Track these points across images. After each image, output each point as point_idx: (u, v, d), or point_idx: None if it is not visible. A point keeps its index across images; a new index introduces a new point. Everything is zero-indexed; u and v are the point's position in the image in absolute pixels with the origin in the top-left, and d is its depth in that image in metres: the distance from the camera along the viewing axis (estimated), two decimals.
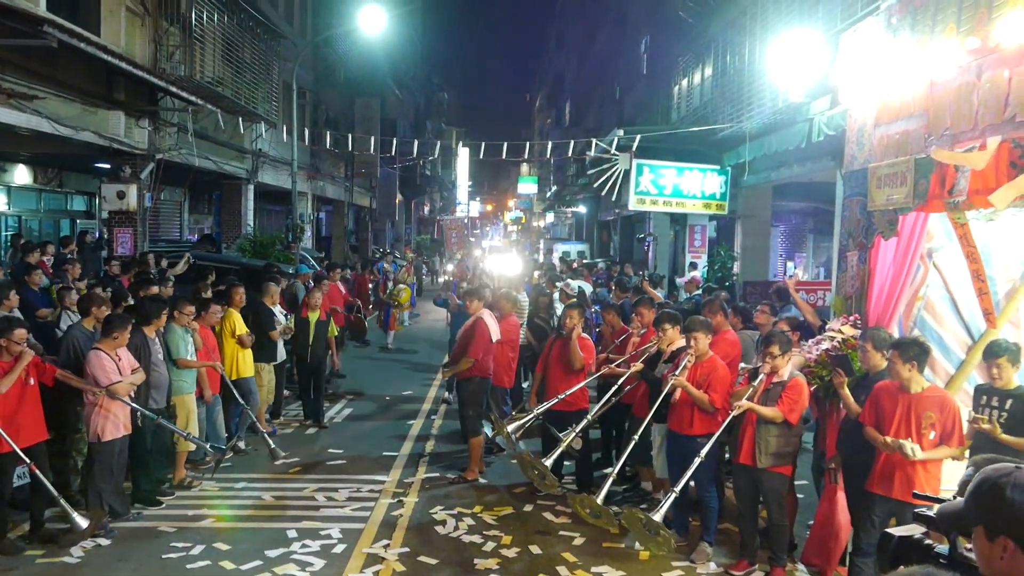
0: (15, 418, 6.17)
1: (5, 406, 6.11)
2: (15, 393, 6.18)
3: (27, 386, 6.29)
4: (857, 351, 5.94)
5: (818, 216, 20.32)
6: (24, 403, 6.26)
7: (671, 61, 22.09)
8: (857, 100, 6.64)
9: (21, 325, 6.41)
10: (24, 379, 6.26)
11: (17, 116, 10.47)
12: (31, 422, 6.30)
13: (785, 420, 5.87)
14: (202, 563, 6.19)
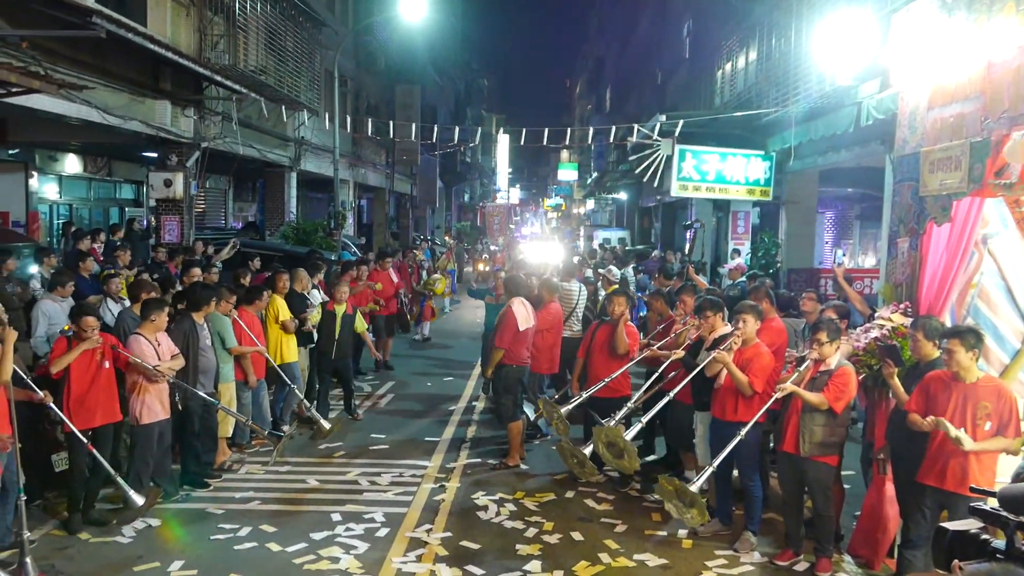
0: (86, 399, 6.37)
1: (78, 387, 6.32)
2: (89, 375, 6.41)
3: (102, 368, 6.51)
4: (907, 340, 5.80)
5: (866, 202, 19.94)
6: (98, 385, 6.48)
7: (715, 45, 21.77)
8: (909, 82, 6.47)
9: (92, 313, 6.57)
10: (99, 362, 6.47)
11: (68, 106, 10.68)
12: (105, 403, 6.54)
13: (830, 408, 5.77)
14: (249, 544, 6.30)
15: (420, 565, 6.02)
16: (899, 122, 6.60)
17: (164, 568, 5.87)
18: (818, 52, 11.44)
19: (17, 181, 15.43)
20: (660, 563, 6.13)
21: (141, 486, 6.71)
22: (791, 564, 6.12)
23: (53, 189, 17.40)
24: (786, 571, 6.06)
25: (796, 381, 5.91)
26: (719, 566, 6.12)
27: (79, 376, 6.38)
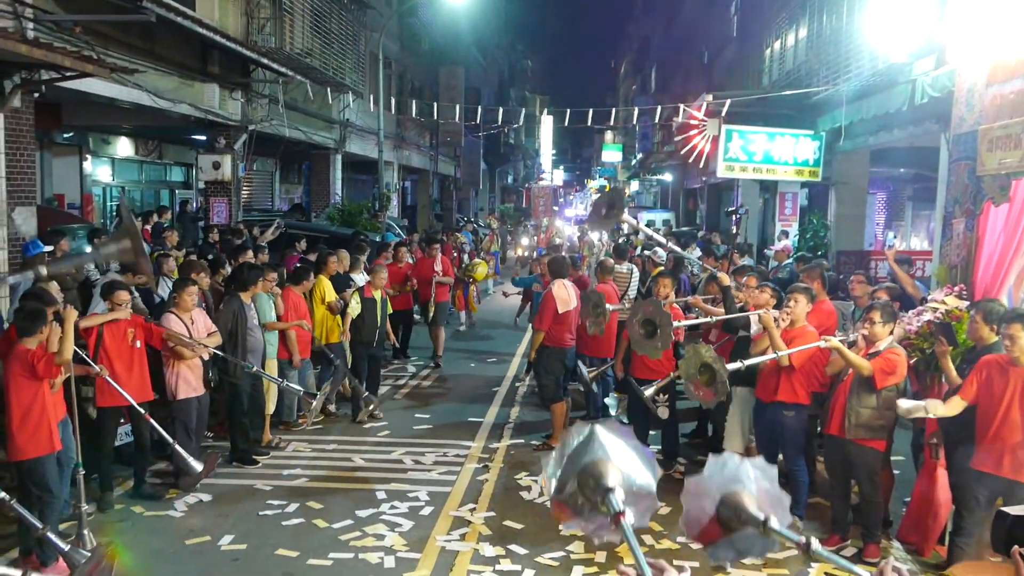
0: (118, 378, 6.47)
1: (109, 367, 6.42)
2: (121, 354, 6.51)
3: (134, 348, 6.60)
4: (963, 323, 5.66)
5: (919, 183, 19.43)
6: (131, 364, 6.58)
7: (763, 22, 21.34)
8: (967, 58, 6.28)
9: (123, 287, 6.70)
10: (131, 341, 6.57)
11: (119, 90, 10.88)
12: (136, 383, 6.60)
13: (877, 391, 5.64)
14: (296, 520, 6.41)
15: (464, 544, 6.08)
16: (956, 99, 6.41)
17: (214, 542, 6.01)
18: (871, 29, 11.17)
19: (72, 164, 15.81)
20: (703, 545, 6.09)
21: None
22: (838, 549, 6.03)
23: (106, 172, 17.79)
24: None
25: (835, 361, 5.84)
26: None
27: (114, 356, 6.47)
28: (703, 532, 1.97)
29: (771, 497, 1.96)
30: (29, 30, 8.88)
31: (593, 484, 1.80)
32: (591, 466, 1.81)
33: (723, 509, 1.93)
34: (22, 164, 9.27)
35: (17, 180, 9.18)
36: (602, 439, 1.84)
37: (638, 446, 1.87)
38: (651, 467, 1.86)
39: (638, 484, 1.83)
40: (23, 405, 5.38)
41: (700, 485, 1.95)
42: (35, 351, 5.37)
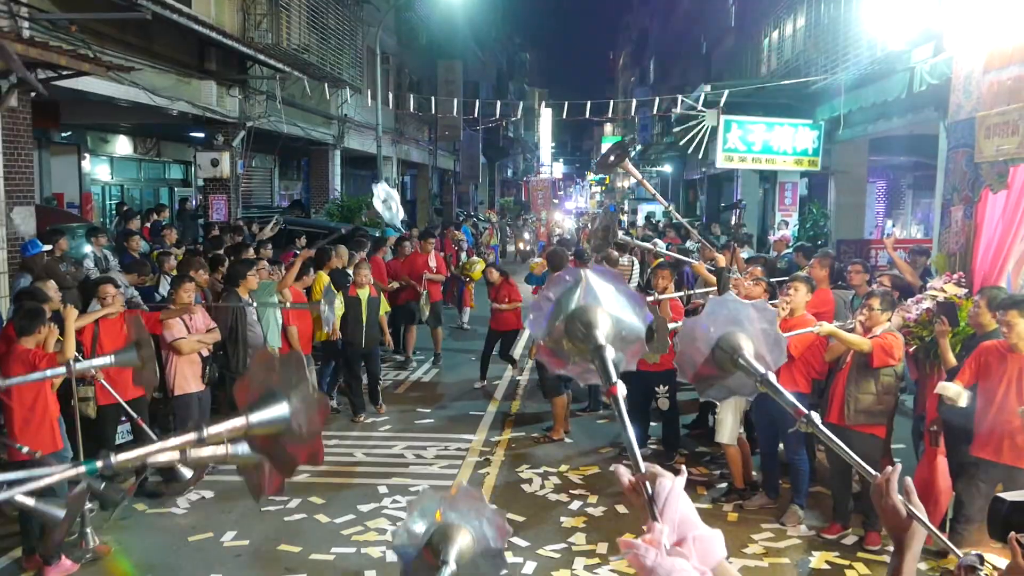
0: (117, 374, 6.47)
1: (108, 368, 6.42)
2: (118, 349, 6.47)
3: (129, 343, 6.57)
4: (964, 309, 5.66)
5: (918, 171, 19.41)
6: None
7: (761, 12, 21.29)
8: (964, 46, 6.26)
9: (109, 282, 6.68)
10: (126, 335, 6.55)
11: (116, 88, 10.87)
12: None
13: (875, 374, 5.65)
14: (299, 516, 6.43)
15: None
16: (953, 87, 6.40)
17: (217, 538, 6.03)
18: (869, 17, 11.14)
19: (70, 163, 15.79)
20: None
21: None
22: (839, 537, 6.06)
23: (105, 170, 17.77)
24: (834, 544, 6.01)
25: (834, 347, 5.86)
26: (765, 539, 6.08)
27: (109, 347, 6.38)
28: (697, 373, 1.98)
29: (768, 338, 1.97)
30: (25, 29, 8.87)
31: (582, 330, 1.75)
32: (580, 311, 1.77)
33: (719, 351, 1.92)
34: (20, 163, 9.26)
35: (15, 179, 9.18)
36: (592, 284, 1.80)
37: (628, 290, 1.83)
38: (640, 311, 1.82)
39: (628, 328, 1.79)
40: (26, 405, 5.38)
41: (698, 325, 1.95)
42: (36, 350, 5.37)
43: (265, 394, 1.76)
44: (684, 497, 1.45)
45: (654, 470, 1.50)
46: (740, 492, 6.81)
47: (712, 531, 1.45)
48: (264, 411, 1.73)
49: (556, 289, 1.81)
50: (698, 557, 1.38)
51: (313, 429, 1.76)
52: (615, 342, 1.76)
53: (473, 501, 1.86)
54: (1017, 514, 2.15)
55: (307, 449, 1.77)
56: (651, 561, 1.31)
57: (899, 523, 1.74)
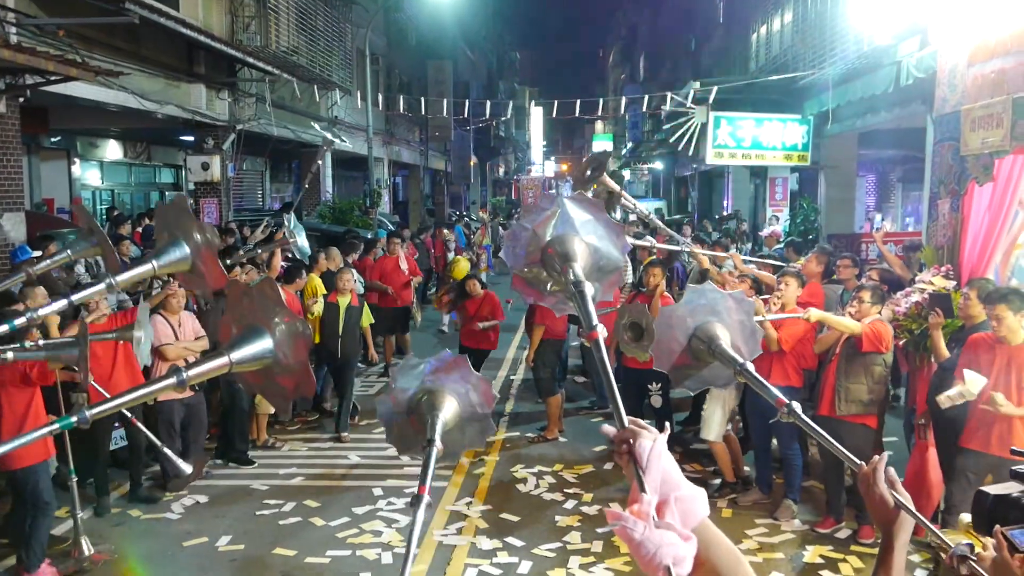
0: (110, 380, 6.46)
1: (99, 369, 6.39)
2: (108, 355, 6.47)
3: (118, 348, 6.55)
4: (953, 301, 5.69)
5: (907, 164, 19.49)
6: (116, 363, 6.53)
7: (749, 9, 21.35)
8: (949, 39, 6.30)
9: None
10: (115, 342, 6.52)
11: (105, 93, 10.83)
12: (125, 384, 6.56)
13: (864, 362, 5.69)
14: (294, 519, 6.43)
15: (461, 537, 6.10)
16: (938, 80, 6.44)
17: (212, 543, 6.02)
18: (855, 11, 11.20)
19: (60, 168, 15.75)
20: None
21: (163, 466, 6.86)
22: (832, 531, 6.09)
23: (95, 175, 17.72)
24: (828, 538, 6.04)
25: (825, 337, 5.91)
26: (760, 534, 6.11)
27: (102, 357, 6.42)
28: (674, 364, 1.98)
29: (744, 329, 1.97)
30: (12, 34, 8.83)
31: (559, 261, 1.71)
32: (556, 241, 1.72)
33: (695, 340, 1.92)
34: (9, 169, 9.23)
35: (4, 185, 9.15)
36: (569, 212, 1.75)
37: (605, 218, 1.78)
38: (618, 240, 1.78)
39: (605, 258, 1.76)
40: (17, 414, 5.35)
41: (676, 314, 1.95)
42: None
43: (246, 329, 1.74)
44: (667, 456, 1.43)
45: (634, 427, 1.47)
46: (733, 487, 6.84)
47: (695, 490, 1.43)
48: (247, 346, 1.71)
49: (532, 218, 1.77)
50: (680, 518, 1.37)
51: (299, 357, 1.75)
52: (593, 273, 1.73)
53: (459, 368, 1.85)
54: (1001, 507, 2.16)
55: (295, 379, 1.77)
56: (639, 534, 1.31)
57: (886, 513, 1.75)
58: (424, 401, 1.82)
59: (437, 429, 1.75)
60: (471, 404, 1.85)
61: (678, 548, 1.30)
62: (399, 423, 1.87)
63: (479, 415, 1.86)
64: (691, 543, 1.33)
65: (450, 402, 1.83)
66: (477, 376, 1.88)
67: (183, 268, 2.10)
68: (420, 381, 1.86)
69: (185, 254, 2.06)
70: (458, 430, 1.85)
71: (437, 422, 1.76)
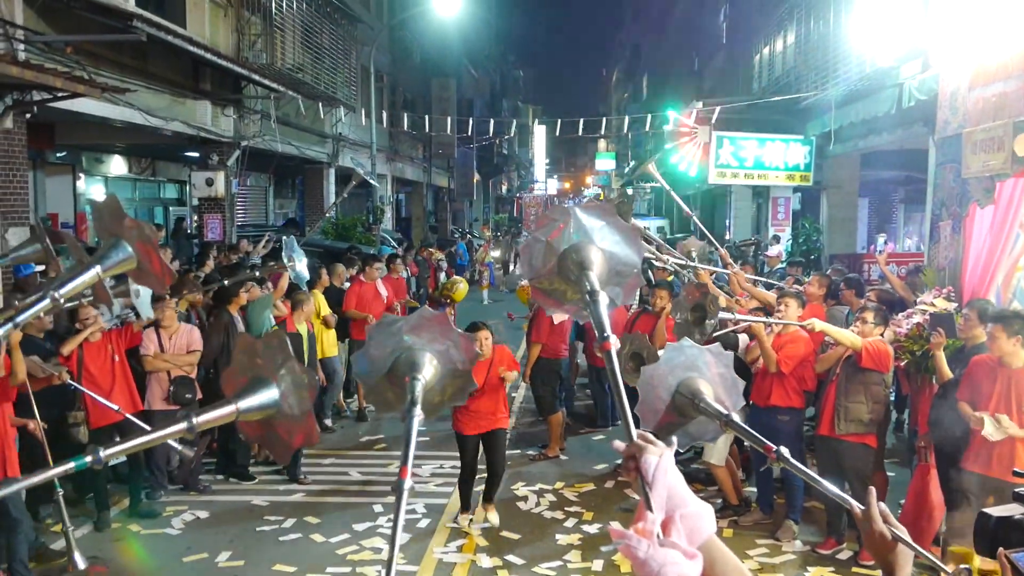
0: (109, 398, 6.44)
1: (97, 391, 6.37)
2: (103, 371, 6.48)
3: (114, 362, 6.57)
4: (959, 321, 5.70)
5: (910, 185, 19.54)
6: (115, 380, 6.54)
7: (752, 29, 21.48)
8: (950, 63, 6.34)
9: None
10: (110, 355, 6.55)
11: (112, 109, 10.91)
12: (123, 397, 6.55)
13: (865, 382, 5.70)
14: (294, 536, 6.42)
15: (461, 555, 6.09)
16: (940, 103, 6.48)
17: (212, 559, 6.01)
18: (857, 33, 11.26)
19: (65, 183, 15.81)
20: None
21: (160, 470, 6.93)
22: (834, 552, 6.07)
23: (100, 190, 17.78)
24: (829, 559, 6.02)
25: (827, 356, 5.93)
26: (761, 555, 6.08)
27: (96, 371, 6.43)
28: (659, 422, 1.98)
29: (725, 382, 1.97)
30: (20, 51, 8.91)
31: (574, 270, 1.71)
32: (572, 250, 1.72)
33: (678, 396, 1.92)
34: (15, 184, 9.29)
35: (10, 200, 9.20)
36: (582, 220, 1.76)
37: (619, 222, 1.78)
38: (634, 243, 1.79)
39: (622, 263, 1.76)
40: None
41: (657, 373, 1.95)
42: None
43: (252, 379, 1.76)
44: (673, 471, 1.42)
45: (641, 443, 1.47)
46: (735, 508, 6.82)
47: (702, 506, 1.42)
48: (253, 396, 1.73)
49: (545, 229, 1.78)
50: (686, 535, 1.36)
51: (304, 408, 1.77)
52: (611, 278, 1.73)
53: (438, 325, 1.82)
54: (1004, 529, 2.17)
55: (302, 430, 1.79)
56: (643, 553, 1.31)
57: (885, 546, 1.75)
58: (403, 359, 1.80)
59: (418, 394, 1.72)
60: (451, 361, 1.84)
61: (682, 567, 1.30)
62: (377, 382, 1.85)
63: (460, 372, 1.85)
64: (696, 562, 1.32)
65: (430, 361, 1.81)
66: (457, 332, 1.86)
67: (129, 267, 2.12)
68: (398, 339, 1.83)
69: (128, 254, 2.09)
70: (438, 389, 1.84)
71: (417, 386, 1.74)
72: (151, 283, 2.22)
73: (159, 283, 2.22)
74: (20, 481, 1.72)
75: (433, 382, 1.82)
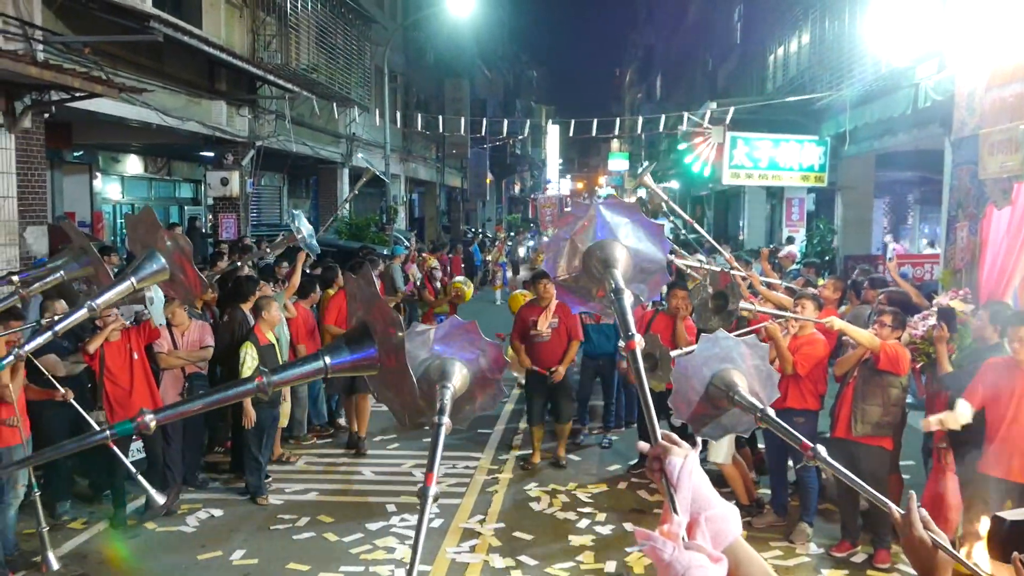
0: (130, 396, 6.50)
1: (116, 383, 6.43)
2: (123, 370, 6.51)
3: (133, 360, 6.60)
4: (968, 325, 5.67)
5: (925, 186, 19.43)
6: (135, 378, 6.58)
7: (766, 30, 21.41)
8: (967, 63, 6.30)
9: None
10: (129, 354, 6.57)
11: (128, 109, 11.00)
12: (142, 395, 6.61)
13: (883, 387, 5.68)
14: (307, 534, 6.45)
15: (474, 556, 6.09)
16: (956, 104, 6.44)
17: (226, 557, 6.04)
18: (873, 34, 11.21)
19: (82, 183, 15.93)
20: None
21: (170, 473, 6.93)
22: (848, 555, 6.04)
23: (116, 189, 17.92)
24: (843, 562, 5.98)
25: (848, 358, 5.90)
26: (774, 558, 6.06)
27: (116, 370, 6.47)
28: (693, 413, 1.97)
29: (760, 374, 1.97)
30: (39, 52, 9.00)
31: (599, 268, 1.71)
32: (596, 247, 1.73)
33: (712, 388, 1.92)
34: (33, 184, 9.38)
35: (28, 199, 9.29)
36: (606, 218, 1.76)
37: (643, 219, 1.79)
38: (658, 240, 1.80)
39: (647, 259, 1.76)
40: None
41: (692, 364, 1.96)
42: None
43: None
44: (699, 472, 1.41)
45: (666, 444, 1.46)
46: (748, 509, 6.79)
47: (727, 508, 1.41)
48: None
49: (569, 227, 1.80)
50: (711, 538, 1.36)
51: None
52: (636, 275, 1.74)
53: (468, 334, 1.85)
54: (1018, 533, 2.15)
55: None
56: (668, 555, 1.30)
57: (926, 555, 1.71)
58: (432, 367, 1.81)
59: (447, 402, 1.73)
60: (481, 370, 1.86)
61: (707, 570, 1.29)
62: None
63: (490, 380, 1.87)
64: (721, 565, 1.32)
65: (460, 369, 1.82)
66: (486, 341, 1.87)
67: (162, 279, 2.25)
68: (428, 348, 1.85)
69: (162, 265, 2.19)
70: (468, 397, 1.86)
71: (447, 394, 1.75)
72: (183, 293, 2.31)
73: (190, 293, 2.31)
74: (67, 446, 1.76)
75: (462, 391, 1.84)
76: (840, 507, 6.30)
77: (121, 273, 2.29)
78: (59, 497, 6.67)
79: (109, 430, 1.63)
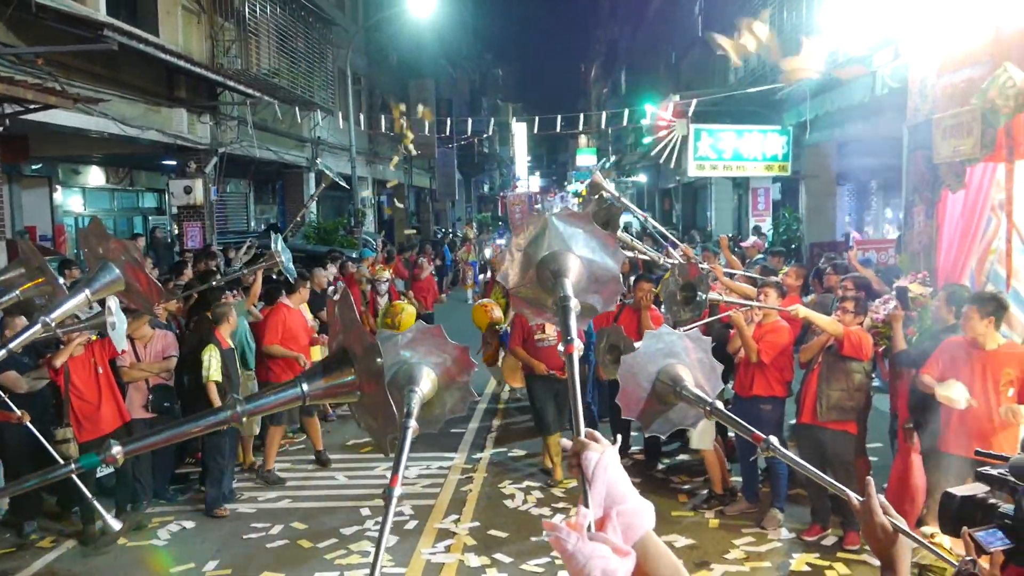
0: (98, 410, 6.41)
1: (81, 398, 6.34)
2: (89, 385, 6.42)
3: (99, 375, 6.51)
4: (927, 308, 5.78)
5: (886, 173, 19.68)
6: (102, 392, 6.49)
7: (727, 21, 21.55)
8: (920, 50, 6.41)
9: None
10: (94, 368, 6.48)
11: (86, 119, 10.84)
12: (109, 410, 6.53)
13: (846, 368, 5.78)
14: (281, 542, 6.41)
15: (449, 555, 6.09)
16: (910, 90, 6.55)
17: (199, 568, 5.99)
18: (829, 23, 11.34)
19: (42, 196, 15.68)
20: (687, 543, 6.14)
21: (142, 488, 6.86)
22: (819, 539, 6.12)
23: (78, 202, 17.65)
24: (814, 546, 6.07)
25: (812, 345, 6.00)
26: (746, 544, 6.13)
27: (82, 385, 6.38)
28: (641, 410, 1.99)
29: (704, 367, 1.99)
30: None
31: (551, 279, 1.73)
32: (549, 259, 1.75)
33: (659, 384, 1.94)
34: None
35: None
36: (559, 229, 1.77)
37: (596, 230, 1.80)
38: (613, 251, 1.80)
39: (601, 268, 1.77)
40: None
41: (637, 361, 1.96)
42: None
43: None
44: (614, 469, 1.43)
45: (585, 440, 1.47)
46: (720, 498, 6.86)
47: (640, 503, 1.43)
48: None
49: (523, 238, 1.81)
50: (621, 532, 1.37)
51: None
52: (589, 285, 1.75)
53: (434, 338, 1.86)
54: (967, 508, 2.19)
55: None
56: (571, 546, 1.31)
57: (886, 539, 1.73)
58: (400, 372, 1.82)
59: (414, 406, 1.74)
60: (449, 374, 1.87)
61: (609, 561, 1.30)
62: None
63: (459, 383, 1.88)
64: (628, 559, 1.33)
65: (427, 373, 1.83)
66: (453, 344, 1.89)
67: (118, 289, 2.26)
68: (395, 353, 1.86)
69: (116, 275, 2.23)
70: (438, 401, 1.87)
71: (414, 398, 1.76)
72: (140, 301, 2.32)
73: (148, 301, 2.32)
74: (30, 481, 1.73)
75: (431, 395, 1.85)
76: (809, 491, 6.39)
77: (75, 286, 2.27)
78: (26, 517, 6.57)
79: (74, 463, 1.62)
